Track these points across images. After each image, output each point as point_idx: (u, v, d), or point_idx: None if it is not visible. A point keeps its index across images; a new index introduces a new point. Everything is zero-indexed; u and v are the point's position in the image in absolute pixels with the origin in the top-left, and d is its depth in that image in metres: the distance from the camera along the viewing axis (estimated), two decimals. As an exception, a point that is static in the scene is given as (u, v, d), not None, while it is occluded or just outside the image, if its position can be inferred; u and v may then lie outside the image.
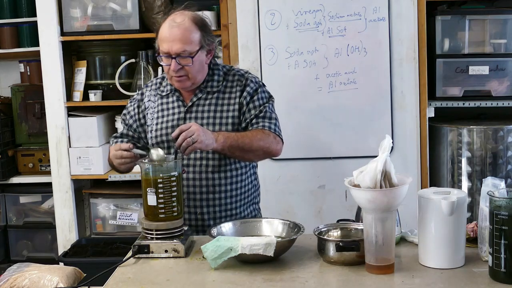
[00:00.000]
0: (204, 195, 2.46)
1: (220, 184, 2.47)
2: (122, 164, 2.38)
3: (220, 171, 2.46)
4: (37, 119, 4.00)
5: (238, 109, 2.47)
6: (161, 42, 2.39)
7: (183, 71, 2.38)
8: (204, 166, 2.45)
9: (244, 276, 1.92)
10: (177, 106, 2.50)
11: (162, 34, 2.38)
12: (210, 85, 2.49)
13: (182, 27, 2.35)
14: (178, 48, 2.35)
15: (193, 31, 2.37)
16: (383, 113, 3.49)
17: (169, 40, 2.35)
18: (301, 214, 3.47)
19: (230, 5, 3.52)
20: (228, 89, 2.49)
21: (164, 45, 2.37)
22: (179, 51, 2.35)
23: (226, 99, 2.48)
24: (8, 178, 4.02)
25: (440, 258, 1.91)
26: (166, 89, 2.54)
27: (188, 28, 2.36)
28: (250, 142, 2.36)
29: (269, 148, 2.42)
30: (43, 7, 3.69)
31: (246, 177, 2.54)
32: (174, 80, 2.43)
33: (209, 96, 2.48)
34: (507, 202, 1.75)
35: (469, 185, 3.50)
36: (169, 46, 2.35)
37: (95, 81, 3.89)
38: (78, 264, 2.73)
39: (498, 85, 3.55)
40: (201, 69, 2.43)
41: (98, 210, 3.93)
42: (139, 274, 1.99)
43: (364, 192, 1.86)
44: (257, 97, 2.48)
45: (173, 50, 2.35)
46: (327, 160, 3.54)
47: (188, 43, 2.35)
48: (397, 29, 3.45)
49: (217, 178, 2.46)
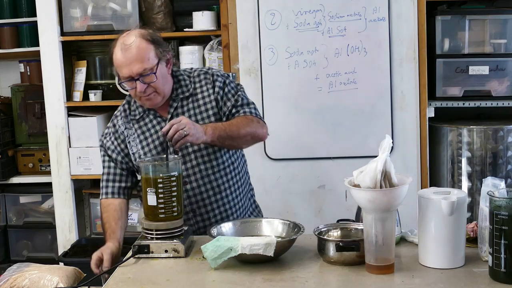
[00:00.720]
0: (212, 198, 2.46)
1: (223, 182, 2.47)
2: None
3: (220, 170, 2.46)
4: (37, 119, 4.00)
5: (215, 105, 2.46)
6: (119, 68, 2.35)
7: (150, 89, 2.35)
8: (204, 170, 2.44)
9: (244, 276, 1.92)
10: (157, 123, 2.47)
11: (117, 60, 2.35)
12: (180, 91, 2.47)
13: (134, 47, 2.32)
14: (138, 68, 2.31)
15: (147, 48, 2.33)
16: (383, 113, 3.49)
17: (126, 64, 2.32)
18: (301, 214, 3.47)
19: (230, 5, 3.52)
20: (199, 89, 2.48)
21: (123, 70, 2.34)
22: (139, 71, 2.31)
23: (201, 99, 2.47)
24: (8, 178, 4.02)
25: (440, 258, 1.91)
26: (137, 112, 2.50)
27: (140, 46, 2.32)
28: (238, 129, 2.36)
29: (256, 132, 2.42)
30: (43, 7, 3.69)
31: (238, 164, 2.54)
32: (144, 100, 2.39)
33: (184, 103, 2.47)
34: (507, 202, 1.75)
35: (469, 185, 3.50)
36: (128, 69, 2.32)
37: (95, 81, 3.89)
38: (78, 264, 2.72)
39: (498, 85, 3.55)
40: (165, 81, 2.41)
41: (98, 210, 3.91)
42: (139, 274, 1.99)
43: (364, 192, 1.86)
44: (227, 88, 2.48)
45: (134, 71, 2.31)
46: (327, 160, 3.54)
47: (146, 61, 2.32)
48: (397, 29, 3.45)
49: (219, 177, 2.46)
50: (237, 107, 2.46)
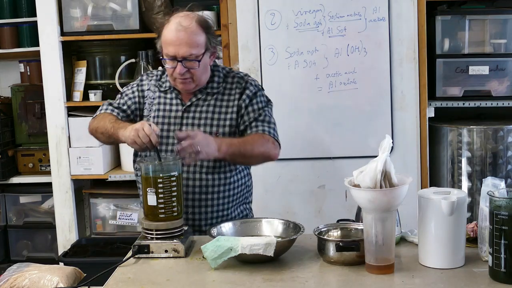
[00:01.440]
0: (196, 195, 2.46)
1: (213, 185, 2.47)
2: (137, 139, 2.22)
3: (214, 173, 2.46)
4: (37, 119, 4.00)
5: (236, 111, 2.46)
6: (166, 45, 2.36)
7: (188, 74, 2.37)
8: (199, 166, 2.45)
9: (244, 276, 1.92)
10: (175, 104, 2.50)
11: (168, 37, 2.35)
12: (210, 86, 2.49)
13: (189, 31, 2.33)
14: (185, 51, 2.33)
15: (199, 35, 2.35)
16: (383, 113, 3.49)
17: (175, 44, 2.33)
18: (301, 214, 3.47)
19: (230, 5, 3.52)
20: (227, 91, 2.49)
21: (170, 48, 2.34)
22: (185, 54, 2.33)
23: (225, 101, 2.48)
24: (8, 178, 4.01)
25: (440, 258, 1.91)
26: (165, 85, 2.53)
27: (194, 31, 2.34)
28: (252, 148, 2.36)
29: (268, 153, 2.42)
30: (43, 7, 3.69)
31: (240, 177, 2.55)
32: (178, 82, 2.42)
33: (208, 98, 2.48)
34: (507, 202, 1.75)
35: (469, 185, 3.50)
36: (175, 49, 2.33)
37: (95, 81, 3.89)
38: (78, 264, 2.73)
39: (498, 85, 3.55)
40: (205, 71, 2.43)
41: (98, 210, 3.93)
42: (139, 274, 1.99)
43: (364, 192, 1.86)
44: (256, 100, 2.48)
45: (180, 53, 2.33)
46: (327, 160, 3.54)
47: (194, 47, 2.34)
48: (397, 29, 3.45)
49: (210, 179, 2.46)
50: (257, 121, 2.45)
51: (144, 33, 3.73)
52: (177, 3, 3.78)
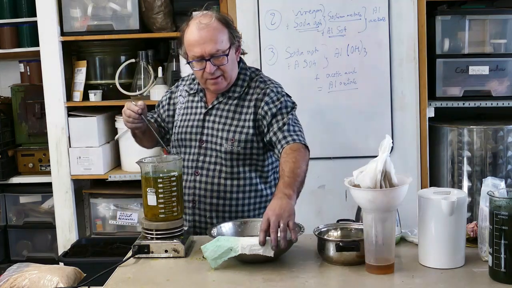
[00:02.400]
0: (214, 199, 2.45)
1: (231, 191, 2.45)
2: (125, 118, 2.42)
3: (233, 178, 2.44)
4: (37, 119, 4.00)
5: (253, 119, 2.41)
6: (191, 47, 2.34)
7: (218, 71, 2.35)
8: (218, 171, 2.43)
9: (244, 276, 1.92)
10: (200, 106, 2.50)
11: (191, 38, 2.33)
12: (232, 90, 2.45)
13: (211, 27, 2.31)
14: (211, 48, 2.31)
15: (222, 30, 2.34)
16: (383, 113, 3.49)
17: (200, 43, 2.31)
18: (301, 214, 3.44)
19: (230, 5, 3.52)
20: (248, 97, 2.45)
21: (195, 49, 2.32)
22: (212, 51, 2.31)
23: (245, 107, 2.44)
24: (8, 178, 4.01)
25: (440, 258, 1.91)
26: (194, 87, 2.54)
27: (216, 27, 2.33)
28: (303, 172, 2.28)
29: (307, 163, 2.36)
30: (43, 7, 3.69)
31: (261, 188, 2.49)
32: (209, 84, 2.39)
33: (229, 101, 2.45)
34: (507, 202, 1.75)
35: (469, 185, 3.50)
36: (201, 48, 2.31)
37: (95, 81, 3.89)
38: (78, 264, 2.73)
39: (498, 85, 3.55)
40: (234, 66, 2.42)
41: (98, 210, 3.93)
42: (139, 274, 1.99)
43: (364, 192, 1.86)
44: (277, 107, 2.40)
45: (207, 51, 2.31)
46: (327, 160, 3.54)
47: (219, 43, 2.32)
48: (397, 29, 3.45)
49: (229, 185, 2.44)
50: (284, 131, 2.36)
51: (144, 33, 3.73)
52: (177, 3, 3.78)
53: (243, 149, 2.41)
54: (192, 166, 2.46)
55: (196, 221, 2.48)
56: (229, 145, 2.41)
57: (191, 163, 2.47)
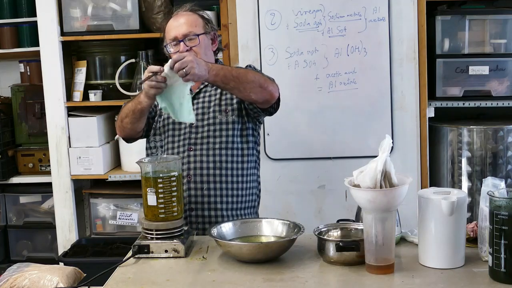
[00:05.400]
0: (211, 170, 2.52)
1: (226, 160, 2.54)
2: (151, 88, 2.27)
3: (227, 148, 2.53)
4: (37, 119, 4.00)
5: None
6: (168, 32, 2.53)
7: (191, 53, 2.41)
8: (212, 143, 2.53)
9: (244, 276, 1.93)
10: None
11: (168, 25, 2.54)
12: None
13: (186, 14, 2.54)
14: (184, 30, 2.48)
15: (197, 18, 2.54)
16: (383, 113, 3.49)
17: (174, 27, 2.51)
18: (301, 214, 3.47)
19: (230, 5, 3.52)
20: None
21: (170, 33, 2.51)
22: (186, 32, 2.48)
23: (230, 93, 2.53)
24: (8, 178, 4.01)
25: (440, 258, 1.91)
26: None
27: (192, 15, 2.54)
28: (245, 73, 2.39)
29: (265, 83, 2.42)
30: (43, 7, 3.69)
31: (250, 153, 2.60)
32: None
33: (213, 87, 2.56)
34: (507, 202, 1.75)
35: (469, 185, 3.50)
36: (176, 31, 2.49)
37: (95, 81, 3.89)
38: (78, 264, 2.72)
39: (498, 85, 3.55)
40: (208, 53, 2.54)
41: (98, 210, 3.93)
42: (139, 274, 1.99)
43: (364, 192, 1.86)
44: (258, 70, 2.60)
45: (180, 32, 2.48)
46: (327, 160, 3.54)
47: (193, 26, 2.50)
48: (397, 29, 3.45)
49: (224, 155, 2.53)
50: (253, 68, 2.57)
51: (144, 33, 3.73)
52: (177, 3, 3.78)
53: (237, 117, 2.54)
54: (184, 144, 2.55)
55: (191, 196, 2.52)
56: (223, 116, 2.53)
57: (182, 142, 2.55)
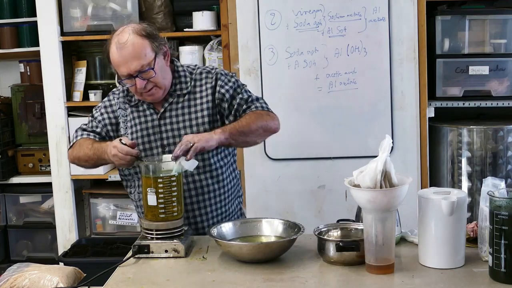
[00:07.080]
0: (194, 198, 2.46)
1: (207, 184, 2.46)
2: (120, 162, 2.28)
3: (206, 172, 2.45)
4: (37, 119, 4.00)
5: (211, 106, 2.43)
6: (117, 67, 2.35)
7: (150, 84, 2.35)
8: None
9: (244, 276, 1.93)
10: (149, 114, 2.46)
11: (114, 59, 2.34)
12: (179, 88, 2.46)
13: (130, 45, 2.30)
14: (135, 65, 2.30)
15: (142, 44, 2.32)
16: (383, 113, 3.49)
17: (123, 63, 2.31)
18: (301, 214, 3.47)
19: (230, 5, 3.51)
20: (198, 88, 2.46)
21: (121, 69, 2.33)
22: (137, 68, 2.30)
23: (198, 98, 2.45)
24: (8, 178, 4.02)
25: (440, 258, 1.91)
26: (134, 99, 2.49)
27: (135, 43, 2.31)
28: (248, 124, 2.35)
29: (267, 125, 2.41)
30: (43, 7, 3.69)
31: (226, 168, 2.52)
32: (145, 96, 2.39)
33: (180, 99, 2.45)
34: (507, 202, 1.75)
35: (469, 185, 3.50)
36: (126, 68, 2.31)
37: (95, 81, 3.89)
38: (78, 264, 2.73)
39: (498, 85, 3.55)
40: (165, 75, 2.40)
41: (98, 210, 3.93)
42: (139, 274, 1.99)
43: (364, 192, 1.86)
44: (232, 87, 2.45)
45: (132, 69, 2.31)
46: (327, 160, 3.54)
47: (143, 57, 2.31)
48: (397, 29, 3.45)
49: (203, 179, 2.45)
50: (247, 103, 2.44)
51: (144, 33, 3.72)
52: (177, 3, 3.78)
53: None
54: None
55: None
56: None
57: None
